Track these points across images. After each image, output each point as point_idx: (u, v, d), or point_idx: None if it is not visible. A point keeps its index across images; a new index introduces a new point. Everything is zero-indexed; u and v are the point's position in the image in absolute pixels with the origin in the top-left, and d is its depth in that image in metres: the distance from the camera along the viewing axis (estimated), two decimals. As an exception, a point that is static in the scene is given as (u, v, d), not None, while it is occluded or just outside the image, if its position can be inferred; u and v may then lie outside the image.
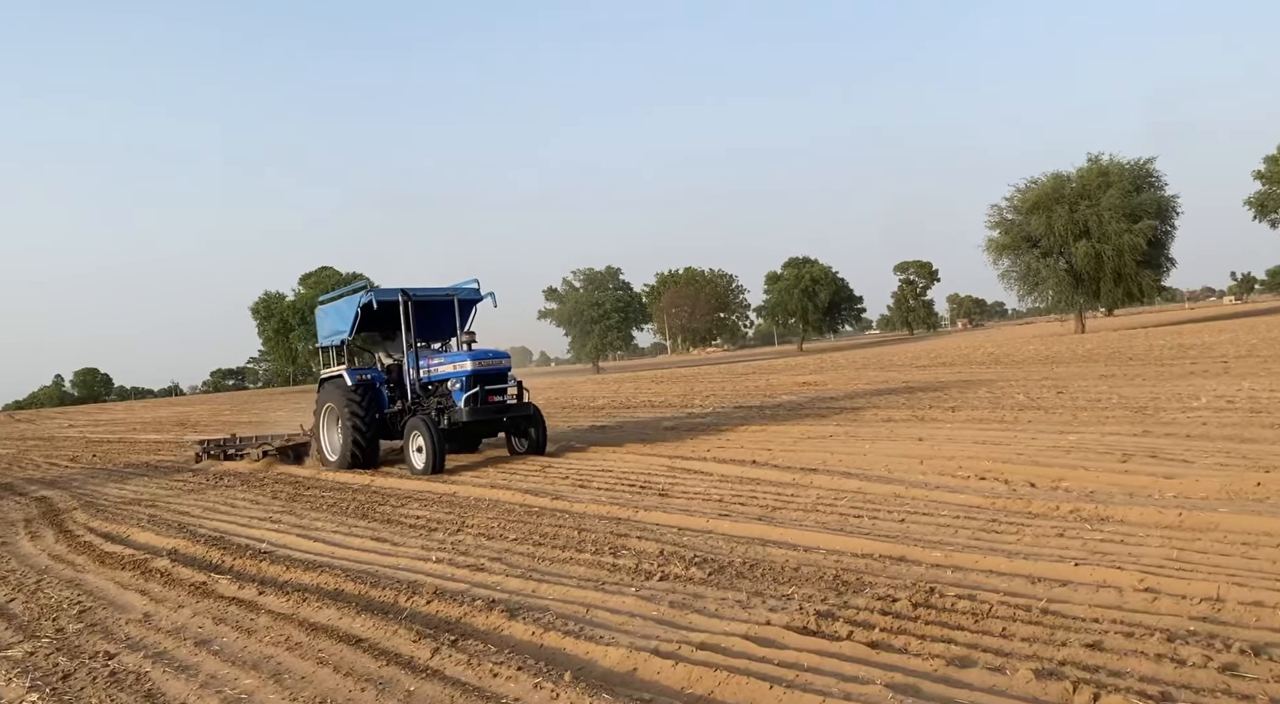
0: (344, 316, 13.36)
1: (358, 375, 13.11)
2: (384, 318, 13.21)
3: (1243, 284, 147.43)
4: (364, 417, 12.57)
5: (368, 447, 12.66)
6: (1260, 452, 8.20)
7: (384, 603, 5.60)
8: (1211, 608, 4.36)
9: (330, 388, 13.33)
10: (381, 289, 12.82)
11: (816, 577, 5.48)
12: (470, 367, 12.06)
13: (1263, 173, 57.97)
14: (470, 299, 13.57)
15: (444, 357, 12.85)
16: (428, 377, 12.79)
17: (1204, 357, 21.92)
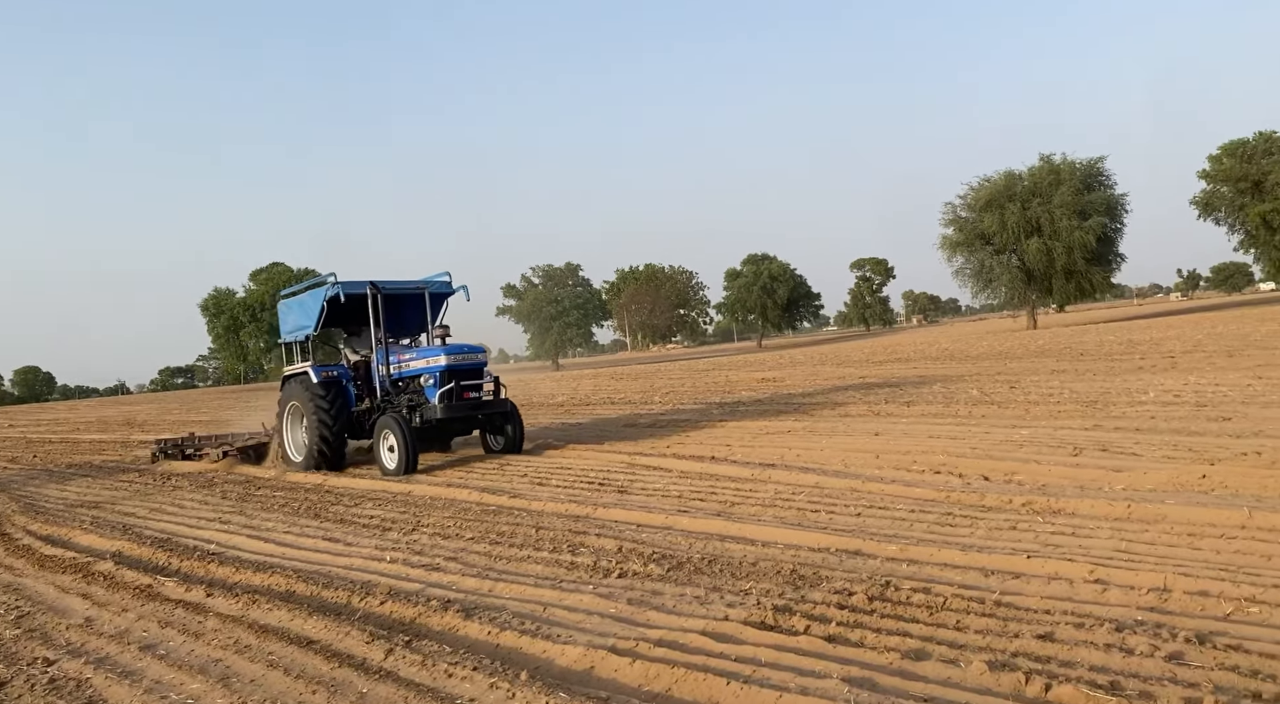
0: (308, 311, 12.85)
1: (324, 372, 12.62)
2: (351, 312, 12.73)
3: (1189, 281, 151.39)
4: (331, 415, 12.09)
5: (335, 447, 12.19)
6: (1205, 444, 8.40)
7: (336, 604, 5.50)
8: (1159, 598, 4.44)
9: (294, 385, 12.83)
10: (349, 282, 12.30)
11: (774, 571, 5.48)
12: (445, 362, 11.60)
13: (1207, 172, 59.49)
14: (442, 293, 13.19)
15: (416, 352, 12.38)
16: (398, 373, 12.37)
17: (1152, 352, 22.45)
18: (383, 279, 12.49)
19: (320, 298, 12.37)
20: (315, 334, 12.87)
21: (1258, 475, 6.91)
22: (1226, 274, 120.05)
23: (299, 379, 12.81)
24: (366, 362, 12.99)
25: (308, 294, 13.10)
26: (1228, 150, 58.81)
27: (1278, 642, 3.78)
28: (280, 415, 13.14)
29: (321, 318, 12.48)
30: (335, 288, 12.14)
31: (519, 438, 12.29)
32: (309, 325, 12.75)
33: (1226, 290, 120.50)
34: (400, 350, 12.64)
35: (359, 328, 13.37)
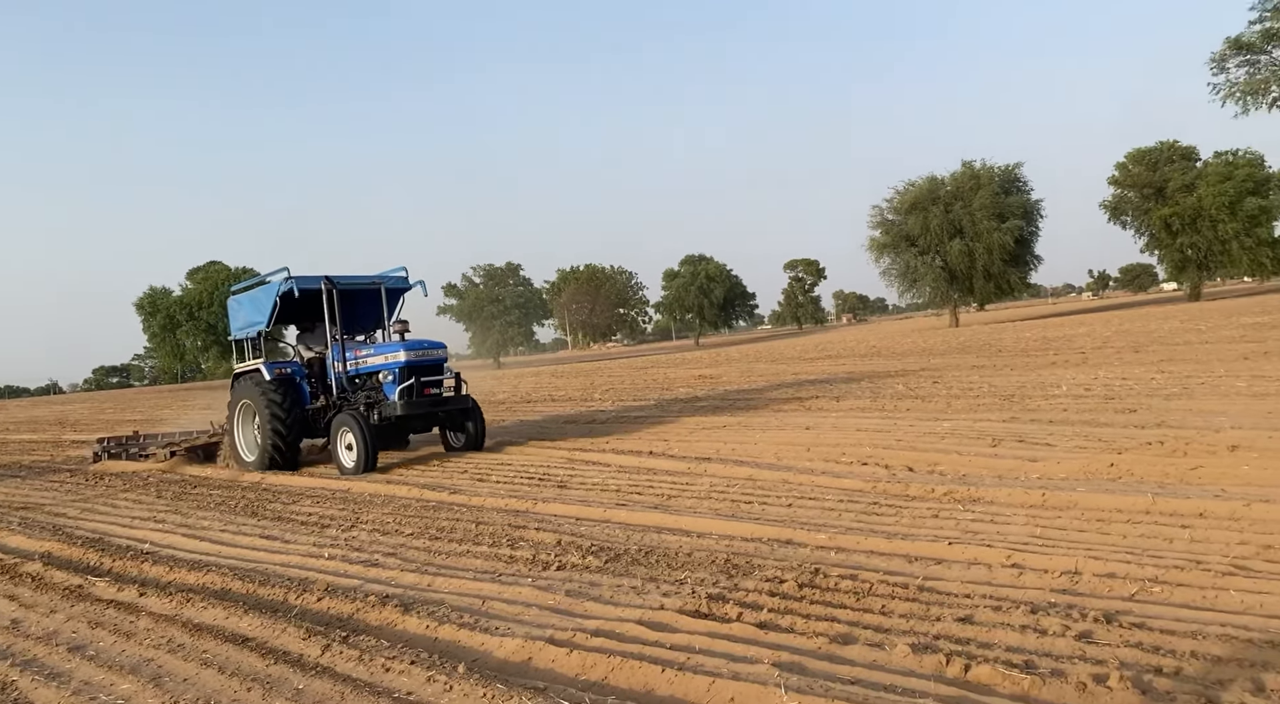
0: (261, 306, 12.43)
1: (277, 369, 12.26)
2: (304, 308, 12.46)
3: (1099, 281, 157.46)
4: (285, 414, 11.74)
5: (289, 446, 11.85)
6: (1113, 435, 8.85)
7: (273, 601, 5.46)
8: (1070, 581, 4.71)
9: (246, 383, 12.42)
10: (302, 277, 11.93)
11: (709, 561, 5.63)
12: (404, 357, 11.31)
13: (1116, 178, 62.04)
14: (398, 288, 12.92)
15: (374, 348, 12.05)
16: (355, 369, 12.05)
17: (1065, 348, 23.38)
18: (338, 274, 12.24)
19: (273, 293, 12.01)
20: (268, 330, 12.54)
21: (1160, 464, 7.33)
22: (1134, 274, 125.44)
23: (251, 377, 12.44)
24: (321, 358, 12.69)
25: (260, 290, 12.70)
26: (1134, 157, 61.49)
27: (1177, 619, 4.05)
28: (231, 414, 12.75)
29: (274, 314, 12.13)
30: (289, 283, 11.75)
31: (480, 435, 12.14)
32: (261, 321, 12.37)
33: (1134, 290, 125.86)
34: (357, 347, 12.37)
35: (313, 324, 13.08)
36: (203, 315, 71.24)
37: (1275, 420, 8.84)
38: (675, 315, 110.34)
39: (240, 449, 12.55)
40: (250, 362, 12.79)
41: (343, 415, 11.31)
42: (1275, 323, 25.38)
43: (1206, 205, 56.45)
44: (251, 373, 12.47)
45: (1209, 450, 7.71)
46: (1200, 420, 9.28)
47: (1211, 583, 4.44)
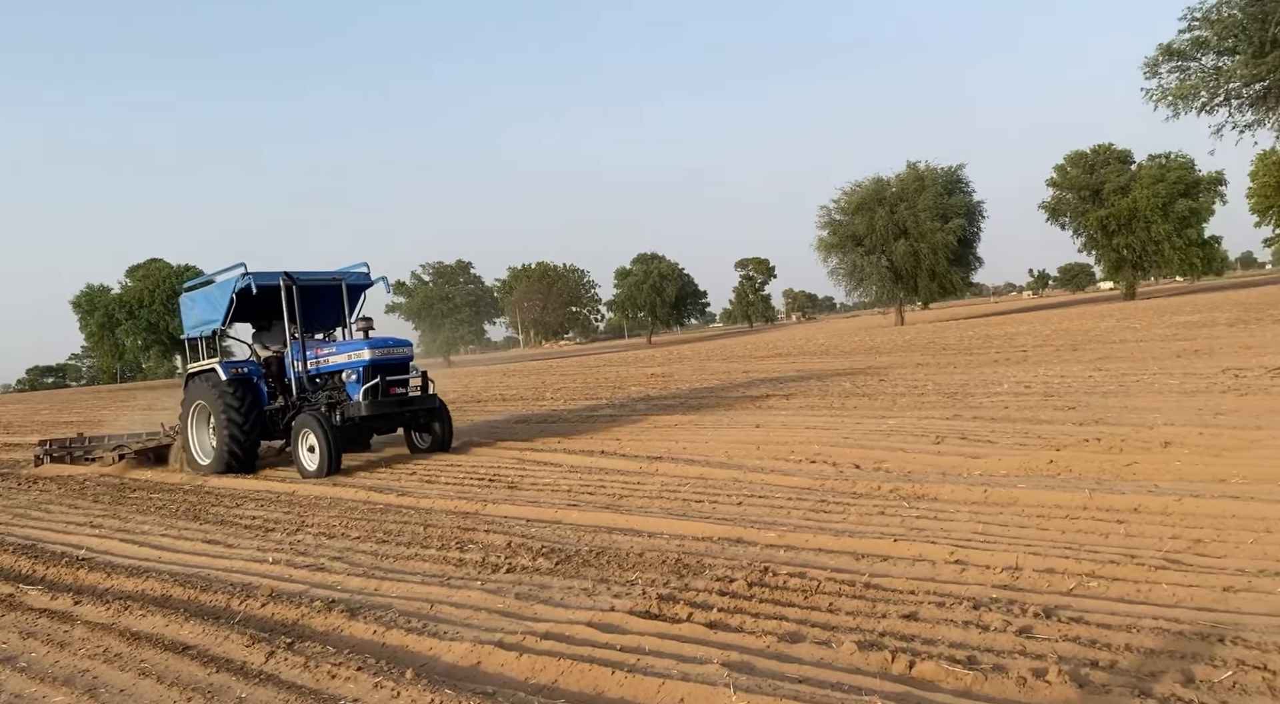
0: (216, 304, 11.97)
1: (233, 369, 11.78)
2: (262, 305, 11.99)
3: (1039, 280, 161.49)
4: (242, 415, 11.34)
5: (246, 448, 11.45)
6: (1053, 431, 9.08)
7: (215, 607, 5.33)
8: (1011, 576, 4.82)
9: (200, 384, 11.98)
10: (260, 272, 11.49)
11: (659, 561, 5.64)
12: (369, 356, 10.95)
13: (1055, 180, 63.69)
14: (359, 284, 12.56)
15: (336, 346, 11.64)
16: (316, 369, 11.63)
17: (1007, 346, 23.93)
18: (297, 270, 11.77)
19: (229, 290, 11.56)
20: (224, 328, 12.13)
21: (1098, 460, 7.55)
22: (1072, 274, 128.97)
23: (206, 376, 11.99)
24: (279, 357, 12.26)
25: (215, 286, 12.24)
26: (1071, 160, 63.22)
27: (1113, 613, 4.17)
28: (185, 415, 12.27)
29: (231, 311, 11.69)
30: (246, 279, 11.33)
31: (448, 436, 11.81)
32: (216, 319, 11.93)
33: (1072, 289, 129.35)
34: (317, 345, 11.95)
35: (270, 322, 12.65)
36: (143, 314, 69.42)
37: (1205, 417, 9.16)
38: (628, 314, 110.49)
39: (195, 452, 12.12)
40: (205, 361, 12.35)
41: (304, 416, 10.92)
42: (1205, 322, 26.28)
43: (1140, 207, 58.25)
44: (206, 373, 12.04)
45: (1143, 447, 7.95)
46: (1135, 417, 9.56)
47: (1145, 577, 4.58)
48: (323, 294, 12.48)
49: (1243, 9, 26.65)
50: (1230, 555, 4.83)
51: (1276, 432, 7.96)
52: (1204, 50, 28.59)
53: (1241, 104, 29.14)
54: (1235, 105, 29.06)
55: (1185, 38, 28.37)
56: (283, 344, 12.22)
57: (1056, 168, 63.97)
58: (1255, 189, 76.95)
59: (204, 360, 12.41)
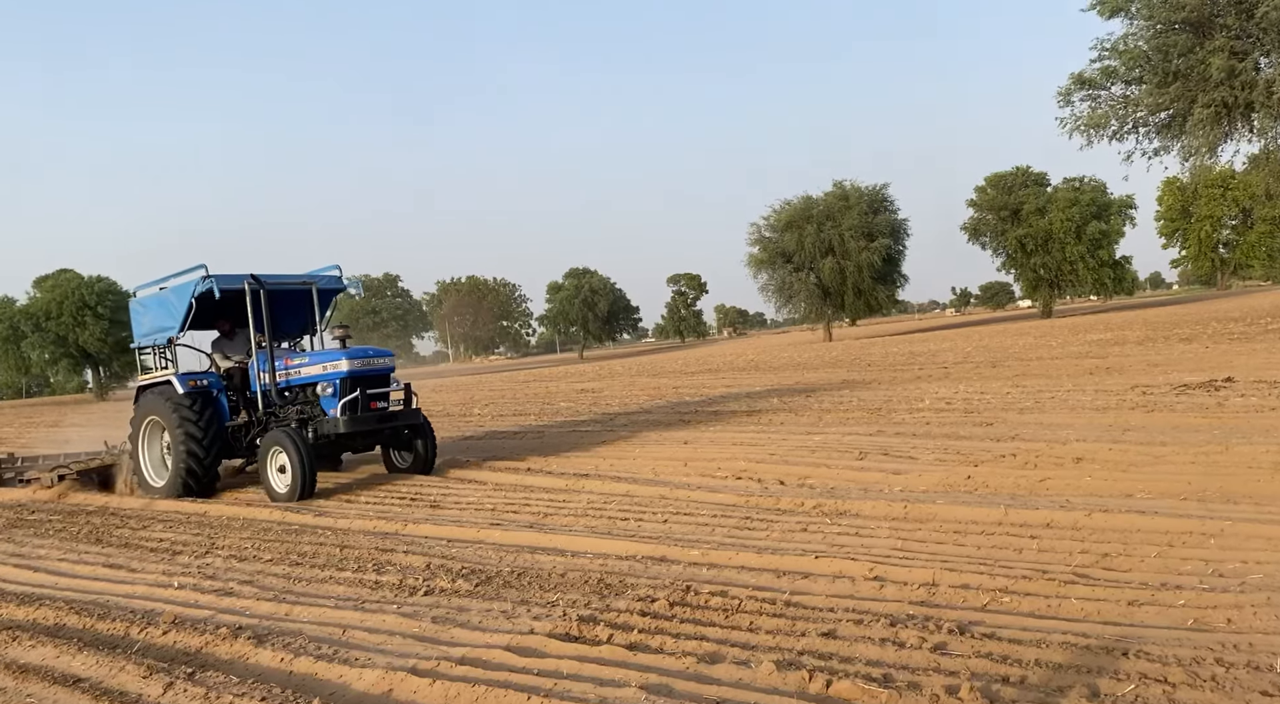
0: (172, 309, 10.92)
1: (191, 381, 10.71)
2: (222, 310, 11.03)
3: (961, 298, 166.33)
4: (202, 433, 10.28)
5: (206, 468, 10.43)
6: (971, 448, 9.29)
7: (112, 636, 5.06)
8: (928, 592, 4.88)
9: (153, 398, 10.87)
10: (223, 275, 10.50)
11: (582, 581, 5.57)
12: (347, 367, 9.96)
13: (975, 201, 65.79)
14: (331, 289, 11.66)
15: (309, 356, 10.67)
16: (286, 381, 10.62)
17: (929, 363, 24.51)
18: (264, 273, 10.88)
19: (188, 294, 10.50)
20: (180, 336, 11.12)
21: (1013, 476, 7.74)
22: (993, 292, 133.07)
23: (159, 390, 10.90)
24: (243, 369, 11.25)
25: (171, 291, 11.09)
26: (991, 181, 65.38)
27: (1024, 628, 4.25)
28: (135, 432, 11.18)
29: (188, 317, 10.65)
30: (208, 282, 10.30)
31: (431, 455, 10.87)
32: (172, 326, 10.91)
33: (993, 307, 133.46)
34: (286, 355, 10.99)
35: (232, 329, 11.69)
36: (50, 326, 66.42)
37: (1115, 433, 9.49)
38: (559, 328, 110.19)
39: (146, 472, 11.04)
40: (159, 372, 11.27)
41: (275, 433, 9.95)
42: (1116, 339, 27.36)
43: (1056, 228, 60.48)
44: (160, 386, 10.96)
45: (1056, 463, 8.19)
46: (1049, 433, 9.85)
47: (1055, 592, 4.69)
48: (290, 299, 11.53)
49: (1148, 41, 27.94)
50: (1135, 569, 4.98)
51: (1180, 447, 8.28)
52: (1113, 80, 29.87)
53: (1148, 132, 30.51)
54: (1143, 133, 30.42)
55: (1095, 67, 29.61)
56: (246, 354, 11.30)
57: (977, 189, 66.05)
58: (1162, 213, 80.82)
59: (157, 372, 11.36)
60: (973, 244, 65.87)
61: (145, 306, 11.74)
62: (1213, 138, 28.29)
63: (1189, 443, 8.42)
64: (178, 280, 10.96)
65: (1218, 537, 5.34)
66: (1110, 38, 28.91)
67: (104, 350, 68.24)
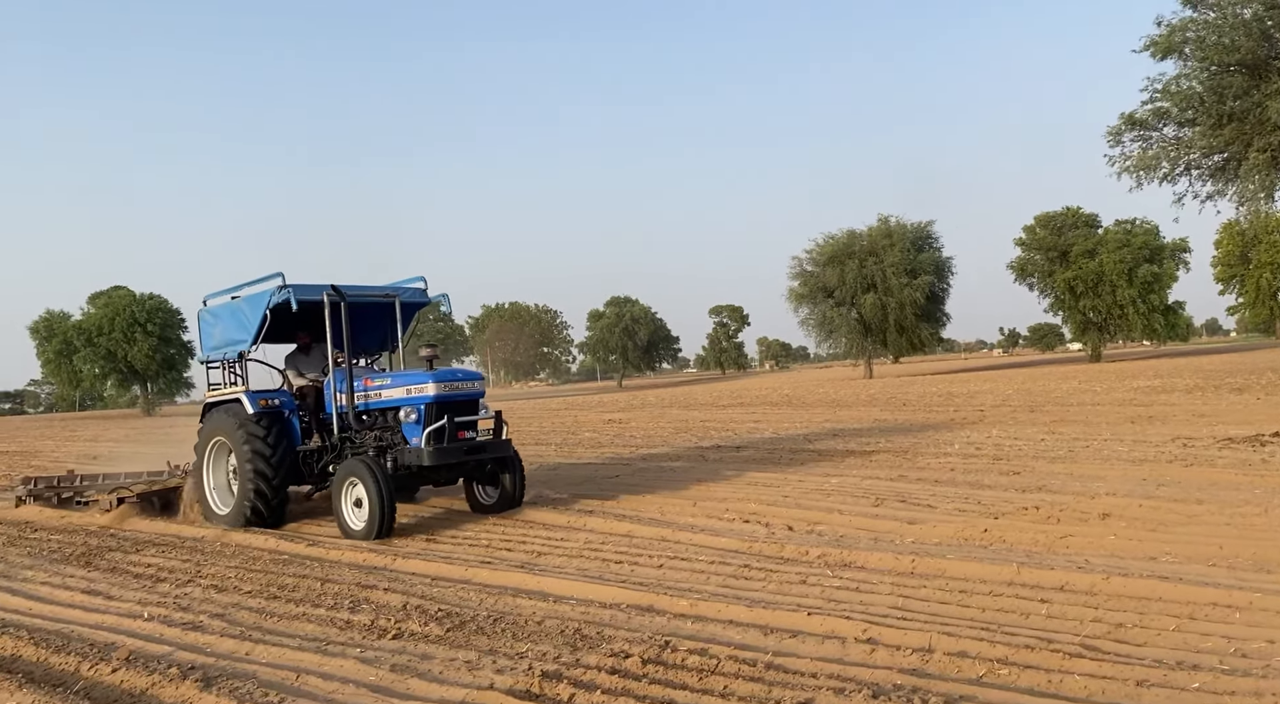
0: (244, 321, 10.05)
1: (262, 400, 9.79)
2: (297, 323, 10.20)
3: (1009, 339, 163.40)
4: (271, 457, 9.35)
5: (274, 498, 9.46)
6: (994, 498, 8.85)
7: (61, 672, 4.89)
8: (920, 659, 4.51)
9: (221, 417, 9.99)
10: (300, 285, 9.62)
11: (558, 631, 5.29)
12: (433, 391, 8.99)
13: (1023, 240, 64.65)
14: (415, 303, 10.70)
15: (391, 377, 9.74)
16: (364, 404, 9.63)
17: (965, 405, 23.85)
18: (344, 283, 9.93)
19: (262, 304, 9.62)
20: (252, 350, 10.25)
21: (1032, 530, 7.31)
22: (1041, 334, 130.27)
23: (228, 408, 9.99)
24: (317, 388, 10.30)
25: (244, 301, 10.22)
26: (1040, 221, 64.20)
27: (1016, 707, 3.88)
28: (200, 455, 10.25)
29: (262, 330, 9.75)
30: (285, 293, 9.43)
31: (519, 490, 9.79)
32: (244, 339, 10.03)
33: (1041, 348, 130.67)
34: (365, 374, 10.02)
35: (308, 344, 10.79)
36: (101, 342, 68.15)
37: (1148, 487, 8.98)
38: (599, 356, 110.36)
39: (210, 499, 10.09)
40: (228, 389, 10.40)
41: (352, 463, 8.95)
42: (1164, 386, 26.45)
43: (1106, 271, 59.13)
44: (229, 404, 10.04)
45: (1081, 518, 7.74)
46: (1078, 485, 9.37)
47: (1059, 665, 4.29)
48: (370, 313, 10.58)
49: (1202, 82, 27.26)
50: (1150, 643, 4.56)
51: (1216, 506, 7.78)
52: (1165, 121, 29.16)
53: (1201, 175, 29.69)
54: (1195, 175, 29.61)
55: (1147, 108, 28.96)
56: (321, 372, 10.39)
57: (1026, 229, 64.94)
58: (1219, 258, 78.74)
59: (227, 388, 10.48)
60: (1019, 284, 64.69)
61: (216, 317, 10.83)
62: (1269, 182, 27.40)
63: (1226, 502, 7.92)
64: (251, 289, 10.14)
65: (1244, 610, 4.90)
66: (1162, 78, 28.26)
67: (151, 367, 69.86)
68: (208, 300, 11.07)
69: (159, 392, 75.00)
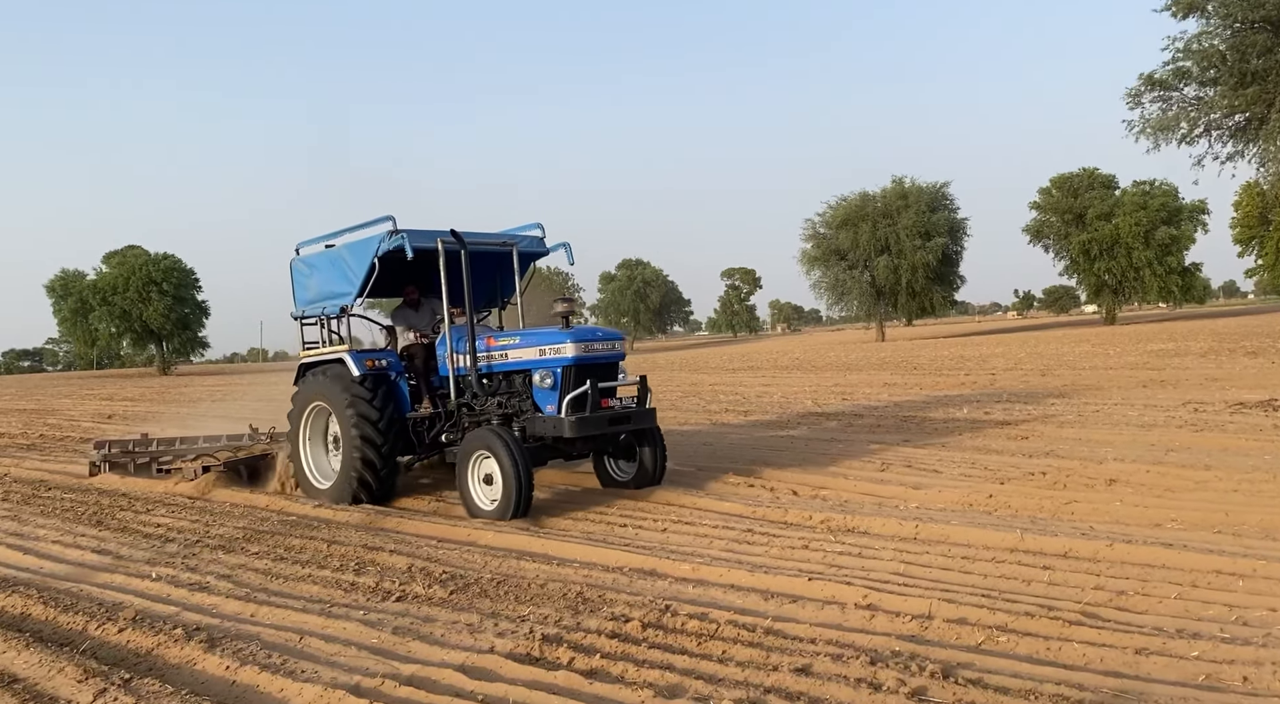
0: (349, 271, 8.87)
1: (368, 360, 8.76)
2: (404, 274, 9.16)
3: (1024, 301, 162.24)
4: (379, 421, 8.35)
5: (384, 466, 8.42)
6: (1000, 463, 8.82)
7: (69, 631, 4.95)
8: (920, 626, 4.52)
9: (321, 380, 8.88)
10: (416, 230, 8.43)
11: (560, 594, 5.32)
12: (572, 352, 7.88)
13: (1038, 203, 63.83)
14: (531, 253, 9.50)
15: (519, 335, 8.52)
16: (487, 366, 8.53)
17: (978, 368, 23.74)
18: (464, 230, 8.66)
19: (370, 252, 8.48)
20: (356, 304, 9.07)
21: (1038, 496, 7.29)
22: (1056, 296, 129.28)
23: (329, 370, 8.92)
24: (427, 346, 9.24)
25: (345, 248, 9.01)
26: (1056, 183, 63.32)
27: (1015, 674, 3.87)
28: (296, 422, 9.16)
29: (369, 281, 8.62)
30: (398, 238, 8.25)
31: (660, 465, 8.51)
32: (348, 292, 8.88)
33: (1056, 311, 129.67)
34: (488, 333, 9.00)
35: (415, 298, 9.70)
36: (117, 301, 68.49)
37: (1156, 453, 8.93)
38: (611, 319, 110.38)
39: (308, 470, 9.07)
40: (328, 349, 9.26)
41: (483, 434, 7.85)
42: (1177, 350, 26.22)
43: (1123, 234, 58.42)
44: (332, 365, 8.98)
45: (1087, 484, 7.71)
46: (1086, 450, 9.33)
47: (1058, 632, 4.29)
48: (479, 263, 9.22)
49: (1225, 40, 26.63)
50: (1150, 611, 4.55)
51: (1224, 472, 7.73)
52: (1186, 81, 28.56)
53: (1221, 135, 29.14)
54: (1215, 136, 29.06)
55: (1168, 68, 28.34)
56: (433, 329, 9.42)
57: (1041, 191, 64.12)
58: (1239, 219, 77.60)
59: (325, 347, 9.35)
60: (1034, 246, 64.04)
61: (312, 267, 9.54)
62: (1292, 142, 26.90)
63: (1235, 468, 7.86)
64: (354, 235, 8.98)
65: (1248, 578, 4.87)
66: (1184, 36, 27.62)
67: (166, 326, 70.24)
68: (300, 249, 9.81)
69: (174, 351, 75.54)
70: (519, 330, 9.03)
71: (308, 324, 9.67)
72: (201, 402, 27.53)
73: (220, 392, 33.43)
